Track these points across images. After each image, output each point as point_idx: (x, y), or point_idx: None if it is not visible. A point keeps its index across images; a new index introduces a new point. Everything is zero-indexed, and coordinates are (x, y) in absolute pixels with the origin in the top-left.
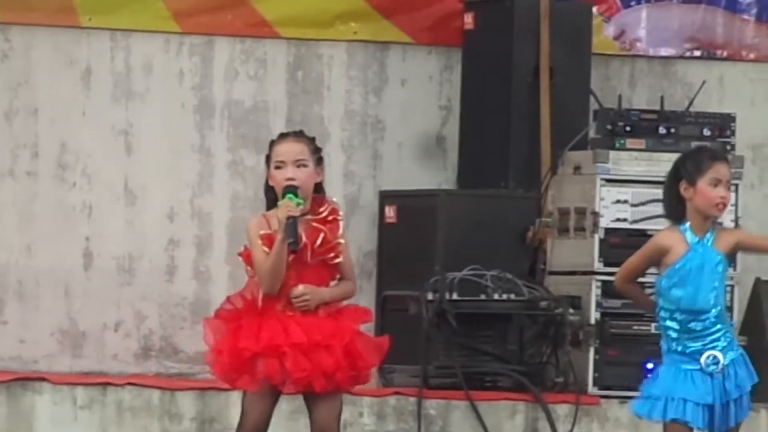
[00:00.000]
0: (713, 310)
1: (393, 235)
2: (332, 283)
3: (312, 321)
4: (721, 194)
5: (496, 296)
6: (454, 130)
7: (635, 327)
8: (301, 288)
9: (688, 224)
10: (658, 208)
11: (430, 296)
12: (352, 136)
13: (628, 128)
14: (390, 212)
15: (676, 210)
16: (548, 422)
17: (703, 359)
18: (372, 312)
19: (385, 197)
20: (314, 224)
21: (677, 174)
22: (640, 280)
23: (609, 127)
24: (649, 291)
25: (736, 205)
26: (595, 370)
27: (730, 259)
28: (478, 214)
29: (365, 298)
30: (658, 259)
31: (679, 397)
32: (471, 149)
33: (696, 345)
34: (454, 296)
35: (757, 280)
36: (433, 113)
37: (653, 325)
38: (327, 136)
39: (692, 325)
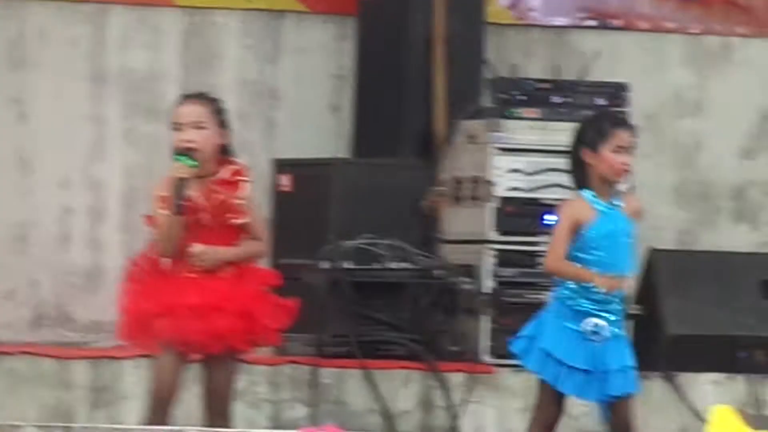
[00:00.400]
0: (624, 275)
1: (287, 204)
2: (239, 244)
3: (210, 283)
4: (624, 161)
5: (390, 265)
6: (349, 99)
7: (530, 296)
8: (198, 247)
9: (592, 191)
10: (553, 177)
11: (324, 265)
12: (246, 105)
13: (522, 98)
14: (284, 181)
15: (579, 176)
16: (443, 391)
17: (588, 325)
18: (276, 274)
19: (280, 166)
20: (212, 186)
21: (580, 140)
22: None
23: (503, 96)
24: None
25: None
26: (489, 339)
27: None
28: (372, 183)
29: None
30: (576, 229)
31: (556, 359)
32: (366, 118)
33: (589, 307)
34: (349, 265)
35: (651, 250)
36: (328, 82)
37: (548, 294)
38: None
39: (598, 288)
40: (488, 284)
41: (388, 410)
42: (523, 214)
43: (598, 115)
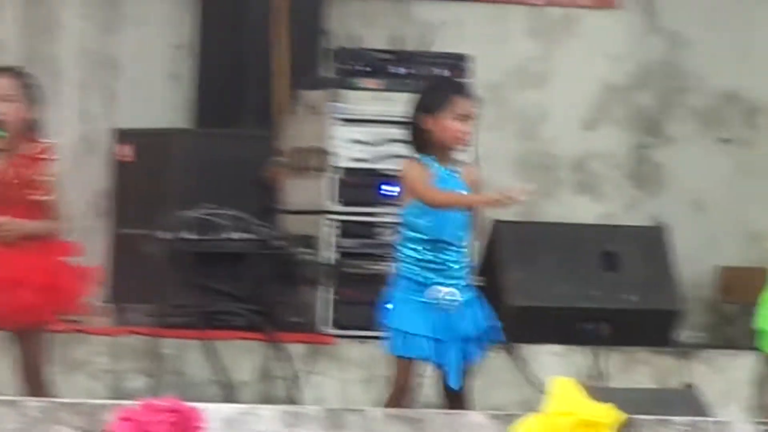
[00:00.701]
0: (457, 244)
1: (128, 174)
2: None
3: (12, 256)
4: (462, 128)
5: (231, 235)
6: (189, 68)
7: (371, 267)
8: (1, 218)
9: (432, 156)
10: (394, 148)
11: (165, 235)
12: (86, 75)
13: (364, 68)
14: (125, 151)
15: (419, 142)
16: (283, 362)
17: (435, 293)
18: (79, 246)
19: (121, 136)
20: (18, 160)
21: (419, 106)
22: None
23: (345, 67)
24: None
25: (474, 145)
26: (330, 310)
27: None
28: (213, 153)
29: (101, 237)
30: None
31: (409, 332)
32: (207, 88)
33: (436, 278)
34: (190, 235)
35: (495, 222)
36: (168, 52)
37: (389, 264)
38: (60, 75)
39: (435, 256)
40: (329, 255)
41: (228, 381)
42: (364, 185)
43: (439, 82)
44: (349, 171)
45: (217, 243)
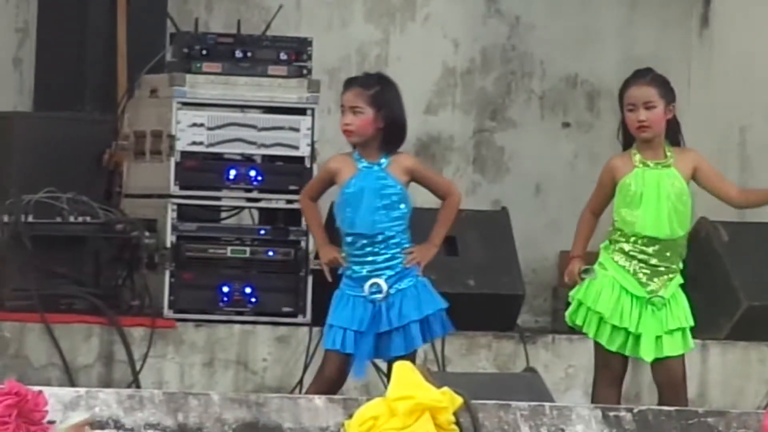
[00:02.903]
0: (379, 236)
1: None
2: None
3: None
4: (346, 121)
5: (71, 219)
6: (30, 52)
7: (211, 250)
8: None
9: (356, 151)
10: (235, 132)
11: (5, 219)
12: None
13: (204, 52)
14: None
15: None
16: (123, 345)
17: (366, 286)
18: None
19: None
20: None
21: None
22: None
23: (185, 50)
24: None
25: (312, 129)
26: (170, 294)
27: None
28: (54, 137)
29: None
30: (329, 181)
31: (338, 326)
32: (47, 72)
33: (362, 271)
34: (30, 219)
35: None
36: (9, 36)
37: (229, 248)
38: None
39: (359, 249)
40: (169, 238)
41: (68, 364)
42: (205, 169)
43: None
44: (189, 154)
45: (58, 226)
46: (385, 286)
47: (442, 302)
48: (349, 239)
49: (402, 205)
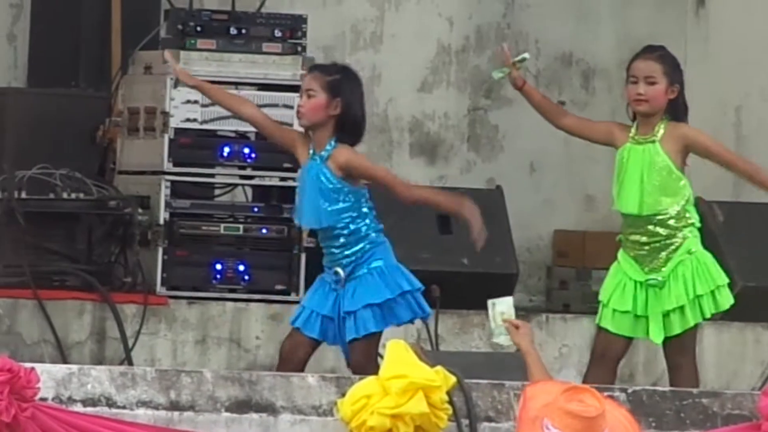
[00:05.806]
0: (330, 230)
1: None
2: None
3: None
4: (299, 103)
5: (65, 195)
6: (25, 28)
7: (204, 227)
8: None
9: (312, 135)
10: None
11: None
12: None
13: (198, 29)
14: None
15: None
16: (116, 322)
17: (329, 274)
18: None
19: None
20: None
21: None
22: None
23: (180, 27)
24: None
25: (299, 110)
26: (163, 271)
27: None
28: (47, 113)
29: None
30: (287, 139)
31: (305, 306)
32: (41, 48)
33: (325, 261)
34: (23, 195)
35: None
36: (3, 11)
37: (222, 225)
38: None
39: (320, 241)
40: (162, 215)
41: (60, 341)
42: (199, 146)
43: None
44: (181, 131)
45: (51, 203)
46: (342, 273)
47: (394, 291)
48: (315, 233)
49: (341, 199)
